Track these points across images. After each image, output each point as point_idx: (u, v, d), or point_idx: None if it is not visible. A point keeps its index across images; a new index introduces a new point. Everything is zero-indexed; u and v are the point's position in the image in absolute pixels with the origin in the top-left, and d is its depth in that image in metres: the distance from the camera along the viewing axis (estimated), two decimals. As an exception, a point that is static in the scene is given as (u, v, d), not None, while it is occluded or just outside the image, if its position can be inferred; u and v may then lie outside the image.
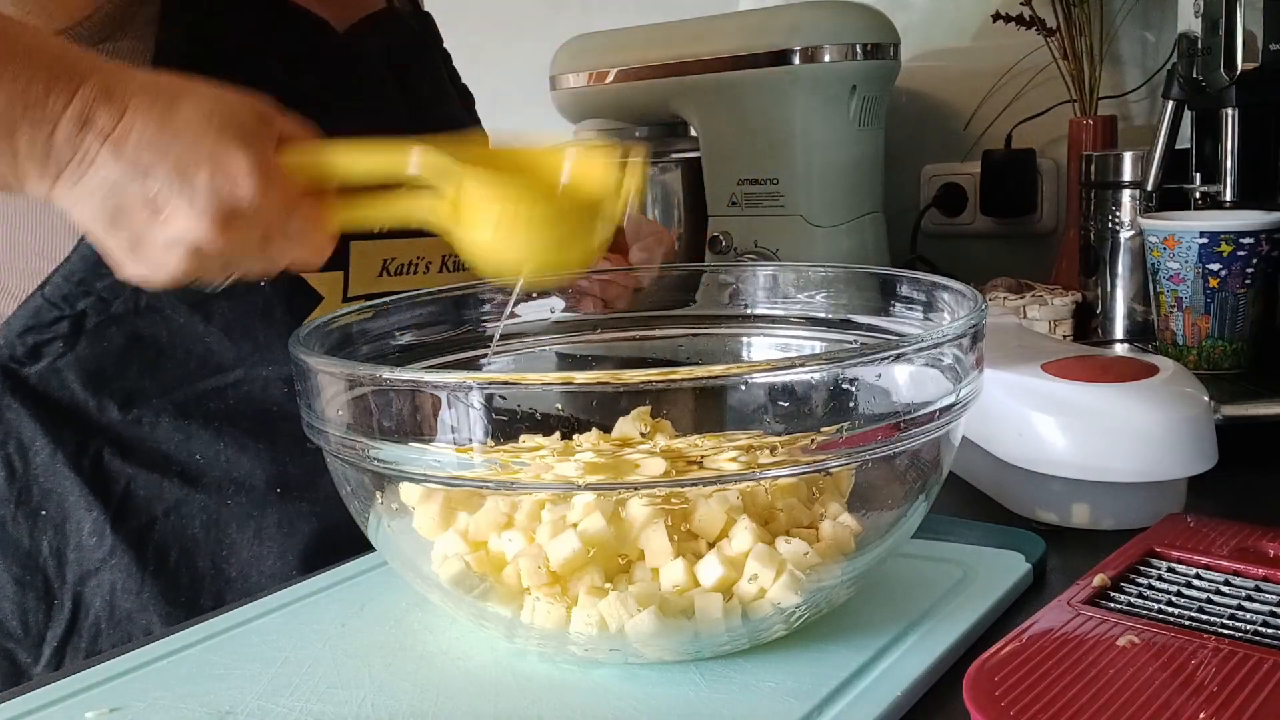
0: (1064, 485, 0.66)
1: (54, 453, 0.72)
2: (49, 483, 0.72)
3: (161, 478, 0.74)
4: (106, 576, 0.73)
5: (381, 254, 0.78)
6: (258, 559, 0.75)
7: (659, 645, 0.49)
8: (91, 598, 0.73)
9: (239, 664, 0.52)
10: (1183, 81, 0.98)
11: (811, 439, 0.45)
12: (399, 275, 0.80)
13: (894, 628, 0.52)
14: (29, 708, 0.49)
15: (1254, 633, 0.48)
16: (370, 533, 0.55)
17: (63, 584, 0.73)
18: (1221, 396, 0.75)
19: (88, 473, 0.72)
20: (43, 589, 0.73)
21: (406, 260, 0.80)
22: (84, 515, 0.72)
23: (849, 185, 1.25)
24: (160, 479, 0.74)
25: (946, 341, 0.49)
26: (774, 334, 0.69)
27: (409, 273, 0.80)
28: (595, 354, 0.71)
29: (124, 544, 0.73)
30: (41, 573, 0.73)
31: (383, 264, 0.79)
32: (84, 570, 0.73)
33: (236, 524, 0.75)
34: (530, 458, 0.44)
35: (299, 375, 0.52)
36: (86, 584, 0.73)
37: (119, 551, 0.73)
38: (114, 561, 0.73)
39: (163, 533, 0.74)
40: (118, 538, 0.73)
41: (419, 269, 0.81)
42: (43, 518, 0.72)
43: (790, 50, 1.19)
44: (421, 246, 0.81)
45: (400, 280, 0.80)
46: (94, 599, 0.73)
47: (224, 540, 0.75)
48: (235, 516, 0.75)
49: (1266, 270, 0.88)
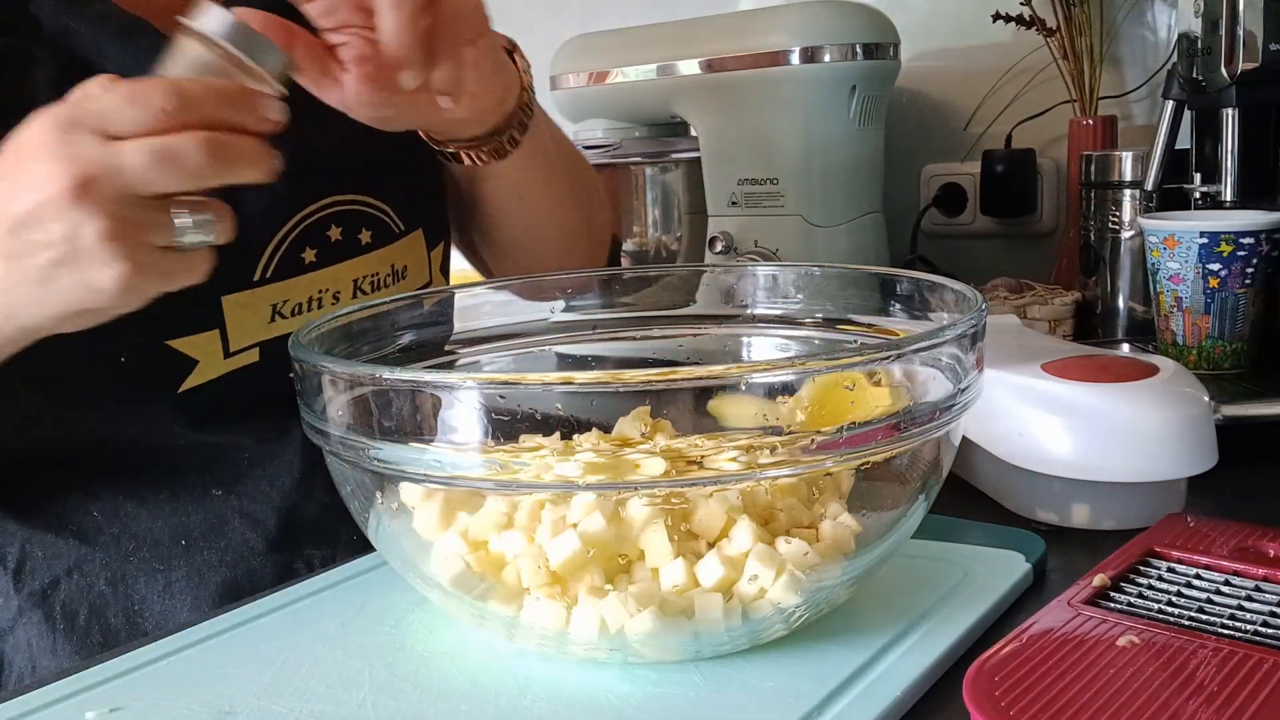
0: (1064, 485, 0.66)
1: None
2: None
3: (57, 538, 0.71)
4: (21, 635, 0.71)
5: (267, 299, 0.72)
6: (172, 611, 0.72)
7: (659, 645, 0.49)
8: (13, 654, 0.71)
9: (239, 664, 0.52)
10: (1183, 81, 0.98)
11: (811, 439, 0.45)
12: (296, 316, 0.73)
13: (894, 628, 0.52)
14: (29, 708, 0.49)
15: (1254, 633, 0.48)
16: (370, 533, 0.55)
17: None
18: (1221, 396, 0.75)
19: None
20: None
21: (305, 298, 0.73)
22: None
23: (849, 185, 1.25)
24: (55, 539, 0.71)
25: (946, 341, 0.49)
26: (774, 334, 0.69)
27: (311, 308, 0.74)
28: (595, 354, 0.71)
29: (29, 604, 0.71)
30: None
31: (272, 310, 0.72)
32: (1, 629, 0.71)
33: (144, 579, 0.72)
34: (530, 458, 0.44)
35: (299, 375, 0.52)
36: (5, 641, 0.71)
37: (26, 611, 0.71)
38: (24, 620, 0.71)
39: (68, 591, 0.71)
40: (22, 598, 0.71)
41: (324, 302, 0.74)
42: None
43: (790, 50, 1.19)
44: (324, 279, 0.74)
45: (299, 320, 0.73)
46: (15, 656, 0.71)
47: (133, 596, 0.72)
48: (142, 572, 0.72)
49: (1266, 270, 0.88)
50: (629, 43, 1.33)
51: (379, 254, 0.78)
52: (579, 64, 1.36)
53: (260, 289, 0.71)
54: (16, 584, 0.71)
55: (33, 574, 0.71)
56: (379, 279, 0.78)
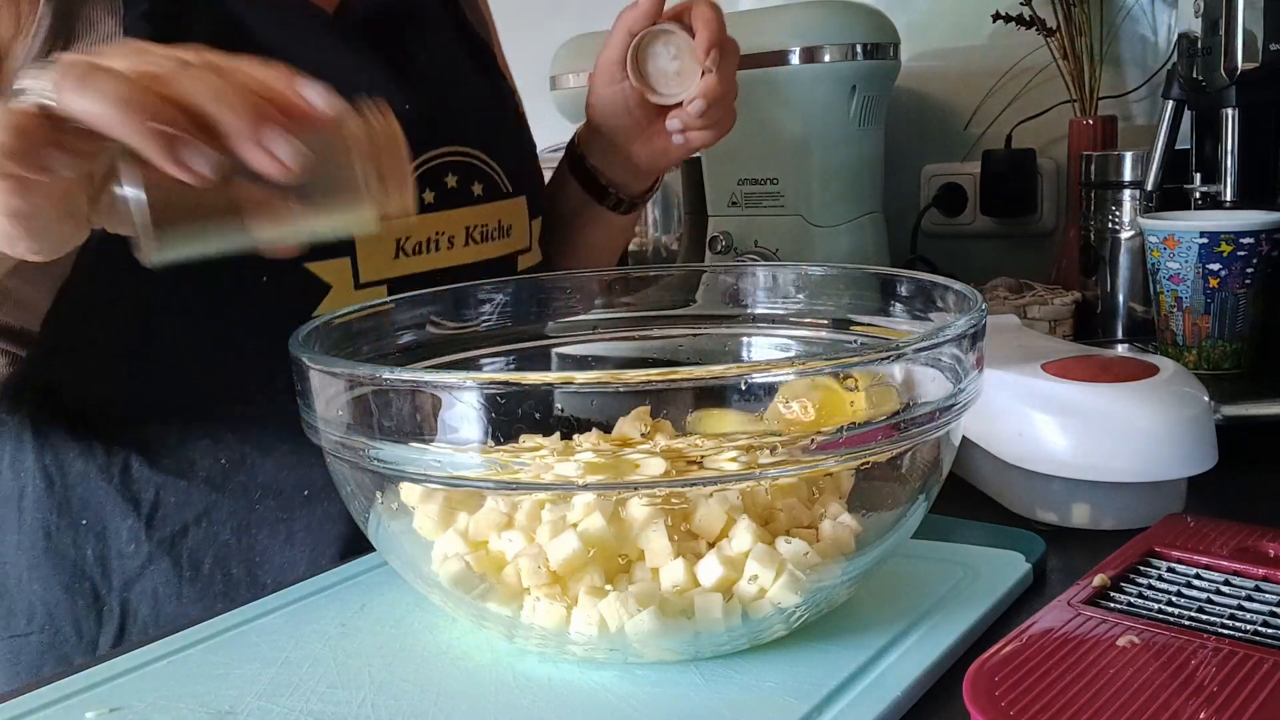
0: (1064, 485, 0.66)
1: (86, 464, 0.73)
2: (85, 492, 0.73)
3: (189, 484, 0.74)
4: (148, 583, 0.73)
5: (392, 234, 0.76)
6: (291, 564, 0.74)
7: (659, 645, 0.49)
8: (137, 603, 0.73)
9: (239, 664, 0.52)
10: (1183, 81, 0.98)
11: (811, 439, 0.45)
12: (416, 255, 0.77)
13: (894, 628, 0.52)
14: (29, 708, 0.49)
15: (1254, 633, 0.48)
16: (370, 533, 0.55)
17: (109, 590, 0.73)
18: (1221, 396, 0.75)
19: (118, 482, 0.73)
20: (91, 596, 0.73)
21: (424, 238, 0.78)
22: (120, 523, 0.73)
23: (849, 185, 1.25)
24: (188, 486, 0.74)
25: (946, 341, 0.49)
26: (774, 334, 0.69)
27: (429, 250, 0.78)
28: (595, 354, 0.71)
29: (160, 551, 0.73)
30: (89, 580, 0.73)
31: (396, 245, 0.76)
32: (127, 577, 0.73)
33: (267, 529, 0.74)
34: (530, 458, 0.44)
35: (298, 375, 0.52)
36: (131, 590, 0.73)
37: (156, 558, 0.73)
38: (153, 568, 0.73)
39: (195, 539, 0.74)
40: (153, 545, 0.73)
41: (440, 245, 0.79)
42: (83, 527, 0.73)
43: (790, 50, 1.19)
44: (439, 222, 0.79)
45: (420, 260, 0.77)
46: (140, 604, 0.73)
47: (255, 546, 0.74)
48: (265, 522, 0.74)
49: (1266, 270, 0.88)
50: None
51: (489, 207, 0.83)
52: (579, 64, 1.36)
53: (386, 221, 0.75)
54: (148, 530, 0.73)
55: (164, 521, 0.73)
56: (487, 230, 0.82)
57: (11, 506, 0.74)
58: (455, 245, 0.80)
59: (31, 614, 0.74)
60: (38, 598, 0.73)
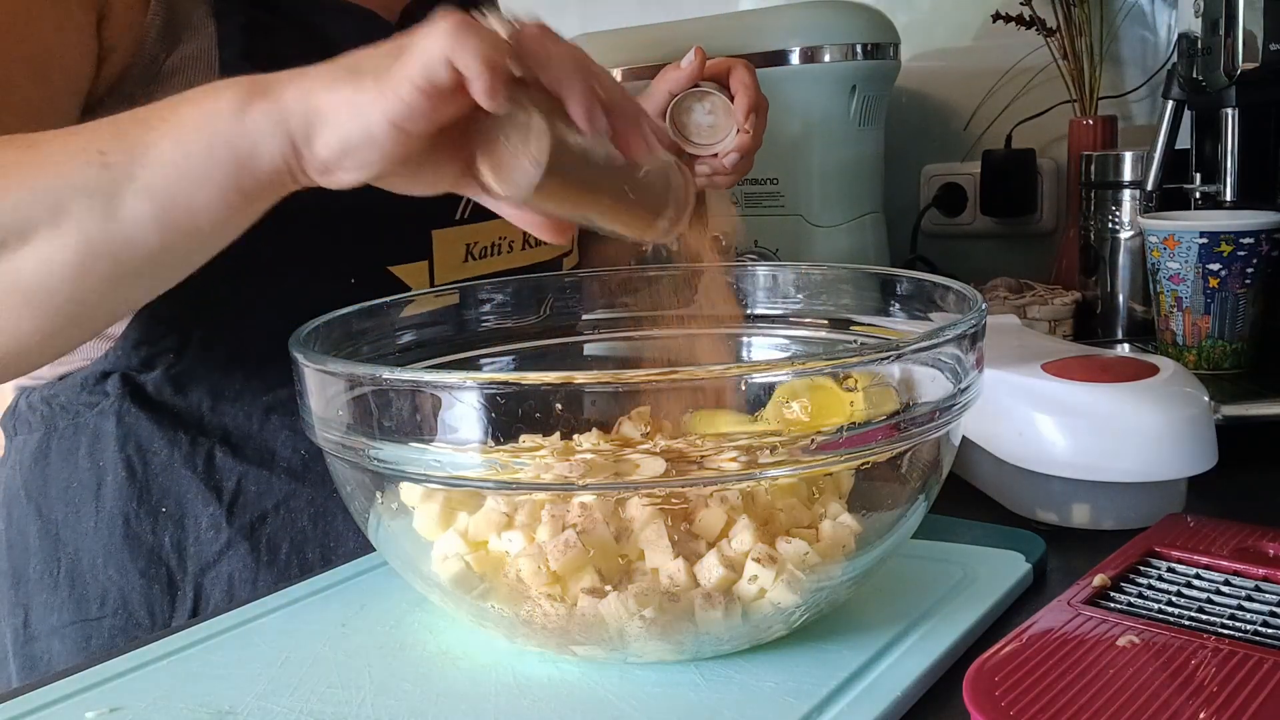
0: (1064, 485, 0.66)
1: (170, 453, 0.75)
2: (167, 481, 0.75)
3: (270, 474, 0.76)
4: (224, 568, 0.75)
5: (464, 239, 0.80)
6: (363, 548, 0.76)
7: (659, 645, 0.49)
8: (211, 588, 0.75)
9: (239, 664, 0.52)
10: (1183, 81, 0.98)
11: (811, 439, 0.45)
12: (483, 259, 0.82)
13: (894, 628, 0.52)
14: (29, 707, 0.49)
15: (1254, 633, 0.48)
16: (370, 533, 0.55)
17: (184, 575, 0.76)
18: (1221, 396, 0.75)
19: (201, 471, 0.75)
20: (166, 581, 0.76)
21: (490, 242, 0.82)
22: (201, 511, 0.75)
23: (849, 185, 1.25)
24: (269, 475, 0.76)
25: (946, 341, 0.49)
26: (774, 334, 0.69)
27: (493, 254, 0.83)
28: (595, 354, 0.71)
29: (239, 536, 0.75)
30: (164, 565, 0.75)
31: (466, 249, 0.81)
32: (203, 562, 0.75)
33: (343, 516, 0.76)
34: (530, 458, 0.44)
35: (298, 375, 0.52)
36: (206, 575, 0.76)
37: (235, 543, 0.75)
38: (231, 553, 0.75)
39: (274, 526, 0.76)
40: (233, 531, 0.75)
41: (502, 249, 0.83)
42: (163, 514, 0.75)
43: (790, 50, 1.19)
44: (502, 227, 0.82)
45: (485, 263, 0.82)
46: (213, 589, 0.75)
47: (331, 532, 0.77)
48: (341, 509, 0.76)
49: (1266, 270, 0.88)
50: (629, 43, 1.33)
51: None
52: (579, 64, 1.36)
53: (459, 227, 0.80)
54: (229, 516, 0.76)
55: (245, 508, 0.76)
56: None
57: (89, 495, 0.76)
58: (515, 249, 0.84)
59: (104, 598, 0.75)
60: (112, 583, 0.75)
